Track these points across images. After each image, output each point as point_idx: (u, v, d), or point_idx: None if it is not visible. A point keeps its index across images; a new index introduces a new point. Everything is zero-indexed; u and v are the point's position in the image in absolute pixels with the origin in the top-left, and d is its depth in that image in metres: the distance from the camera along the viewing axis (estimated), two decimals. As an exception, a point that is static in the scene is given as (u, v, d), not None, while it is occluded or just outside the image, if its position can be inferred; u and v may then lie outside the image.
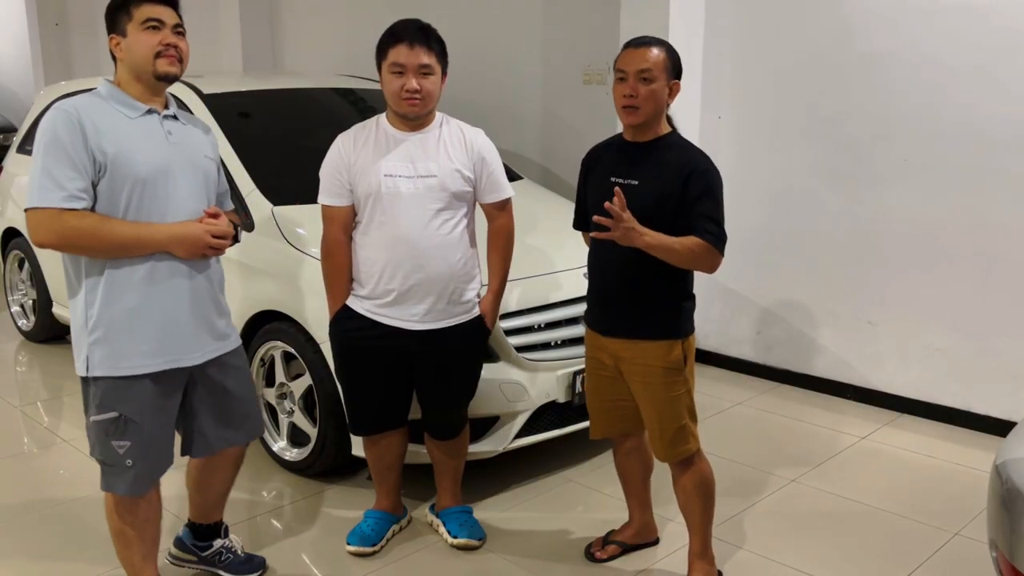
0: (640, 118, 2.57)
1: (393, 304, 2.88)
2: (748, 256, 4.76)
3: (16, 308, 5.70)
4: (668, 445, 2.72)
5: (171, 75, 2.41)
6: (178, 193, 2.42)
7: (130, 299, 2.37)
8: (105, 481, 2.48)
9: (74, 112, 2.29)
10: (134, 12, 2.37)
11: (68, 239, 2.29)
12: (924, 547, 3.13)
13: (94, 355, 2.38)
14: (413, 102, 2.80)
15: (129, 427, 2.39)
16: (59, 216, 2.25)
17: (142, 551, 2.56)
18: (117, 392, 2.38)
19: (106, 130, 2.32)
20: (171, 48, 2.38)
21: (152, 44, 2.36)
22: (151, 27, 2.37)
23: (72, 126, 2.27)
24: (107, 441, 2.41)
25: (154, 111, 2.44)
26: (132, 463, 2.42)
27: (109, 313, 2.36)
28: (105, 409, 2.39)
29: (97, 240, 2.30)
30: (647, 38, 2.61)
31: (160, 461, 2.51)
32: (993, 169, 3.94)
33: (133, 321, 2.37)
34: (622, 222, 2.44)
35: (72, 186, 2.26)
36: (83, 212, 2.28)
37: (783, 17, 4.52)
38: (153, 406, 2.43)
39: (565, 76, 5.53)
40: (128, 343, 2.37)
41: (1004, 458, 2.03)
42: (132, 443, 2.40)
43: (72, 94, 5.09)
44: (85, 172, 2.28)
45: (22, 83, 10.79)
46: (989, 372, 4.08)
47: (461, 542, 3.12)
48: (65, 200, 2.25)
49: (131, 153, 2.33)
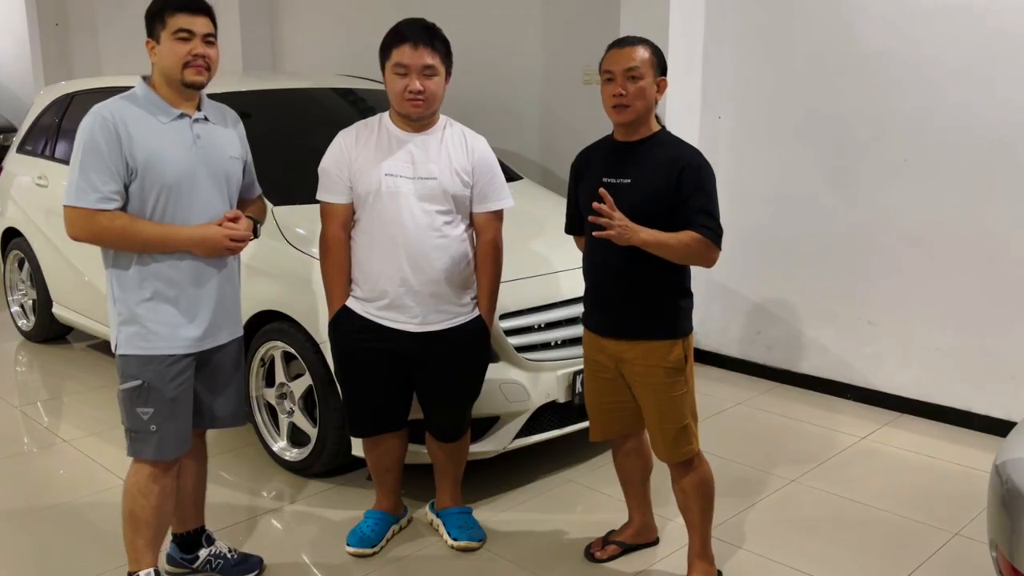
0: (630, 115, 2.58)
1: (392, 305, 2.88)
2: (748, 256, 4.76)
3: (16, 308, 5.70)
4: (671, 446, 2.72)
5: (198, 84, 2.56)
6: (201, 197, 2.58)
7: (153, 287, 2.55)
8: (133, 447, 2.63)
9: (111, 118, 2.46)
10: (168, 21, 2.50)
11: (100, 237, 2.50)
12: (924, 547, 3.14)
13: (121, 334, 2.58)
14: (416, 103, 2.80)
15: (152, 394, 2.57)
16: (93, 216, 2.46)
17: (147, 536, 2.66)
18: (140, 363, 2.57)
19: (138, 137, 2.48)
20: (199, 59, 2.51)
21: (181, 54, 2.50)
22: (181, 38, 2.49)
23: (109, 132, 2.45)
24: (132, 408, 2.58)
25: (185, 115, 2.57)
26: (156, 428, 2.59)
27: (135, 298, 2.55)
28: (130, 378, 2.57)
29: (125, 239, 2.50)
30: (630, 38, 2.64)
31: (183, 429, 2.65)
32: (992, 169, 3.94)
33: (155, 307, 2.56)
34: (613, 221, 2.45)
35: (106, 189, 2.45)
36: (115, 213, 2.48)
37: (783, 17, 4.52)
38: (172, 374, 2.59)
39: (565, 76, 5.53)
40: (150, 326, 2.55)
41: (1004, 458, 2.03)
42: (155, 409, 2.57)
43: (73, 94, 5.20)
44: (118, 175, 2.46)
45: (22, 83, 10.79)
46: (989, 372, 4.08)
47: (461, 545, 3.12)
48: (99, 201, 2.45)
49: (160, 160, 2.50)
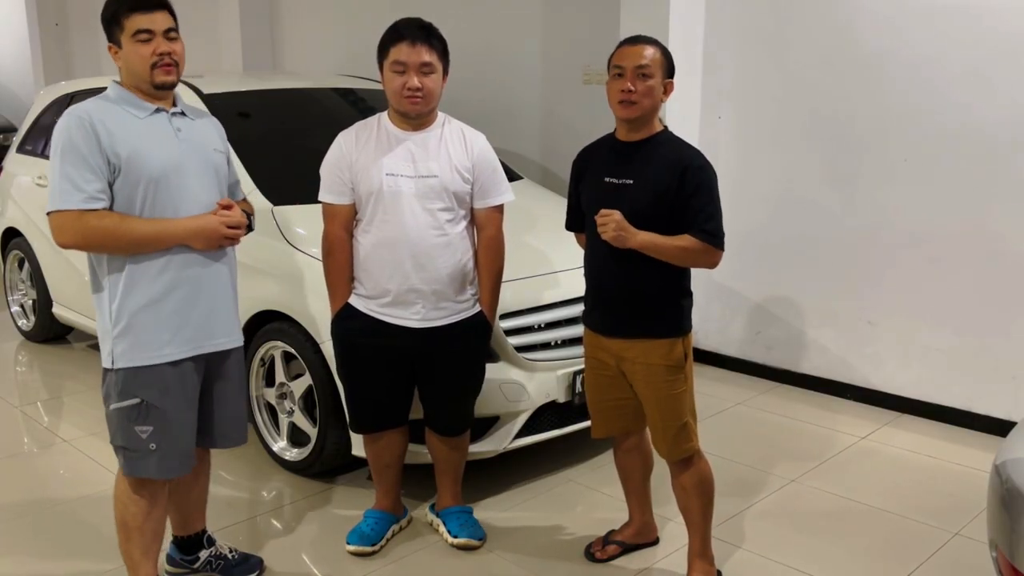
0: (636, 112, 2.58)
1: (395, 303, 2.89)
2: (748, 256, 4.76)
3: (16, 308, 5.70)
4: (671, 443, 2.73)
5: (168, 84, 2.48)
6: (190, 188, 2.49)
7: (150, 291, 2.46)
8: (128, 466, 2.54)
9: (86, 116, 2.37)
10: (125, 23, 2.41)
11: (90, 239, 2.39)
12: (924, 547, 3.14)
13: (117, 348, 2.47)
14: (415, 100, 2.81)
15: (151, 412, 2.47)
16: (80, 217, 2.35)
17: (142, 545, 2.61)
18: (139, 379, 2.46)
19: (118, 132, 2.39)
20: (165, 57, 2.42)
21: (145, 56, 2.41)
22: (142, 39, 2.41)
23: (86, 130, 2.36)
24: (130, 427, 2.49)
25: (162, 110, 2.50)
26: (155, 447, 2.50)
27: (130, 305, 2.45)
28: (127, 396, 2.47)
29: (117, 238, 2.39)
30: (642, 37, 2.64)
31: (183, 445, 2.57)
32: (992, 169, 3.94)
33: (153, 312, 2.46)
34: (610, 224, 2.49)
35: (90, 188, 2.35)
36: (103, 212, 2.38)
37: (783, 18, 4.52)
38: (173, 391, 2.50)
39: (565, 76, 5.53)
40: (149, 333, 2.46)
41: (1004, 458, 2.03)
42: (155, 427, 2.48)
43: (73, 94, 5.20)
44: (101, 174, 2.37)
45: (22, 83, 10.79)
46: (989, 372, 4.08)
47: (461, 542, 3.12)
48: (85, 201, 2.35)
49: (142, 153, 2.41)
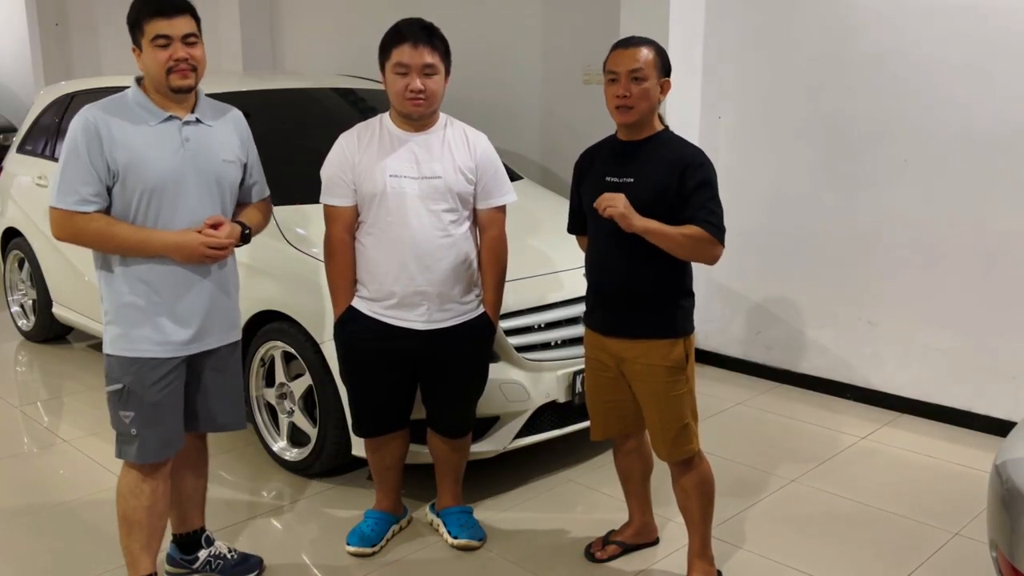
0: (634, 116, 2.58)
1: (400, 305, 2.88)
2: (748, 256, 4.76)
3: (16, 308, 5.70)
4: (671, 445, 2.72)
5: (184, 88, 2.52)
6: (187, 200, 2.54)
7: (136, 291, 2.53)
8: (118, 448, 2.64)
9: (93, 120, 2.45)
10: (145, 28, 2.47)
11: (78, 238, 2.51)
12: (924, 547, 3.14)
13: (107, 334, 2.58)
14: (417, 102, 2.80)
15: (132, 398, 2.55)
16: (71, 218, 2.47)
17: (142, 540, 2.65)
18: (122, 366, 2.56)
19: (121, 138, 2.46)
20: (182, 63, 2.47)
21: (162, 61, 2.47)
22: (160, 44, 2.46)
23: (90, 134, 2.44)
24: (116, 411, 2.59)
25: (174, 118, 2.53)
26: (136, 432, 2.57)
27: (118, 301, 2.55)
28: (113, 381, 2.57)
29: (103, 242, 2.50)
30: (635, 38, 2.63)
31: (167, 433, 2.61)
32: (992, 169, 3.94)
33: (137, 310, 2.54)
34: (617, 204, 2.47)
35: (84, 191, 2.45)
36: (92, 215, 2.47)
37: (783, 17, 4.52)
38: (155, 378, 2.56)
39: (565, 76, 5.53)
40: (133, 329, 2.54)
41: (1004, 458, 2.03)
42: (136, 413, 2.56)
43: (73, 94, 5.21)
44: (99, 178, 2.45)
45: (22, 83, 10.79)
46: (989, 372, 4.08)
47: (461, 543, 3.12)
48: (77, 204, 2.45)
49: (142, 162, 2.47)
